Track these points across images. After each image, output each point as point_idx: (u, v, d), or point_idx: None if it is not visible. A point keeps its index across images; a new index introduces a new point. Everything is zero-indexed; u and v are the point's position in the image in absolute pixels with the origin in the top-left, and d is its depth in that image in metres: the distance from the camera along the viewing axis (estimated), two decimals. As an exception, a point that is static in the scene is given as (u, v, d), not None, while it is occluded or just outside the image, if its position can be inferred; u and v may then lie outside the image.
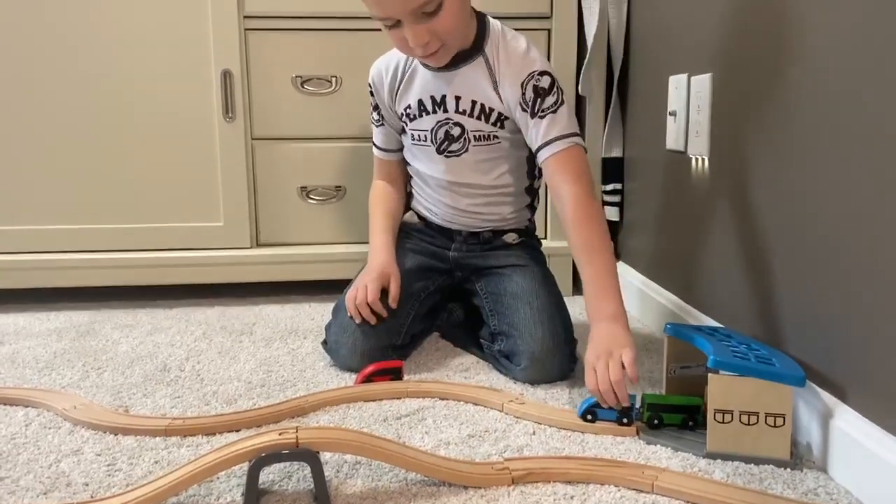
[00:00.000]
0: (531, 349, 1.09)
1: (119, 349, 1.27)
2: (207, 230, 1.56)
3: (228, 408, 1.01)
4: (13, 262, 1.52)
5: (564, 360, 1.11)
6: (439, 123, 1.18)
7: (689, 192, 1.24)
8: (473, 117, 1.15)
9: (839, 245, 0.82)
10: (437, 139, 1.18)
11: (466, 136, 1.17)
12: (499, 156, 1.19)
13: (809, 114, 0.87)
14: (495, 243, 1.25)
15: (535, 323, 1.11)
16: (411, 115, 1.20)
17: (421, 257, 1.26)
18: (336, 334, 1.16)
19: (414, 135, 1.21)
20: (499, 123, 1.16)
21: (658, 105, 1.34)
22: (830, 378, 0.84)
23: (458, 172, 1.20)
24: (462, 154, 1.18)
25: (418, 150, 1.23)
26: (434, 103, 1.17)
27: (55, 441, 0.90)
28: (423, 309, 1.24)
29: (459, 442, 0.89)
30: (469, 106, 1.15)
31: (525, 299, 1.15)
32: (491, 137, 1.17)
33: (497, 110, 1.14)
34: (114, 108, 1.51)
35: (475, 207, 1.23)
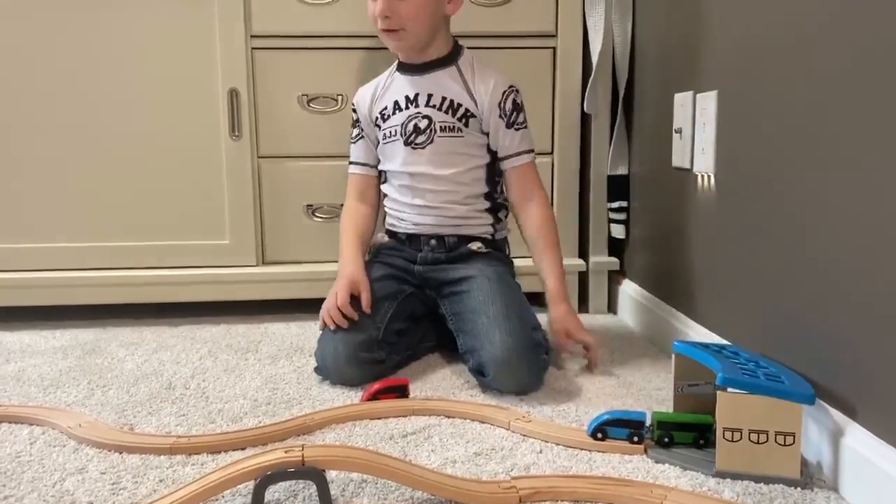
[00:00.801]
0: (493, 355, 1.09)
1: (124, 367, 1.26)
2: (213, 248, 1.57)
3: (234, 426, 1.00)
4: (20, 280, 1.52)
5: (529, 354, 1.11)
6: (409, 118, 1.28)
7: (695, 209, 1.24)
8: (442, 110, 1.27)
9: (847, 262, 0.81)
10: (406, 132, 1.28)
11: (433, 126, 1.27)
12: (460, 152, 1.27)
13: (815, 131, 0.87)
14: (461, 250, 1.28)
15: (492, 329, 1.12)
16: (386, 115, 1.31)
17: (391, 269, 1.30)
18: (319, 348, 1.19)
19: (386, 132, 1.31)
20: (464, 120, 1.26)
21: (663, 122, 1.34)
22: (840, 395, 0.83)
23: (420, 164, 1.28)
24: (427, 146, 1.27)
25: (388, 149, 1.31)
26: (407, 101, 1.29)
27: (60, 459, 0.90)
28: (402, 308, 1.25)
29: (466, 460, 0.88)
30: (439, 101, 1.27)
31: (481, 310, 1.16)
32: (455, 130, 1.27)
33: (465, 107, 1.26)
34: (121, 125, 1.52)
35: (435, 202, 1.28)
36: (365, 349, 1.16)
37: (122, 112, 1.52)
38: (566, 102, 1.58)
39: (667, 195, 1.37)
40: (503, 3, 1.53)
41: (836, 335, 0.84)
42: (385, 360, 1.19)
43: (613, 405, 1.06)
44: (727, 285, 1.13)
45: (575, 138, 1.60)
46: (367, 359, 1.16)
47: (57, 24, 1.49)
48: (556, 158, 1.59)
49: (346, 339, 1.16)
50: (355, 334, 1.17)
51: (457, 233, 1.29)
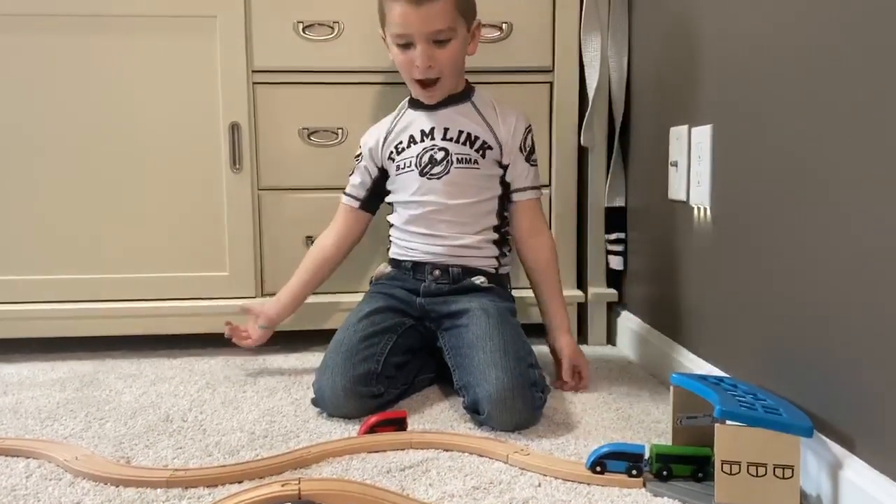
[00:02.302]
0: (488, 393, 1.08)
1: (122, 399, 1.26)
2: (213, 280, 1.57)
3: (231, 458, 1.00)
4: (18, 312, 1.52)
5: (526, 393, 1.09)
6: (425, 150, 1.32)
7: (692, 241, 1.25)
8: (459, 143, 1.31)
9: (845, 293, 0.82)
10: (422, 163, 1.31)
11: (450, 158, 1.30)
12: (475, 185, 1.31)
13: (810, 164, 0.88)
14: (464, 283, 1.29)
15: (488, 366, 1.11)
16: (401, 148, 1.34)
17: (392, 301, 1.31)
18: (317, 378, 1.19)
19: (401, 164, 1.34)
20: (481, 152, 1.31)
21: (659, 155, 1.36)
22: (839, 428, 0.83)
23: (435, 194, 1.31)
24: (443, 177, 1.30)
25: (401, 181, 1.34)
26: (423, 134, 1.33)
27: (55, 493, 0.89)
28: (403, 341, 1.25)
29: (464, 494, 0.88)
30: (456, 134, 1.32)
31: (479, 346, 1.16)
32: (472, 161, 1.31)
33: (482, 139, 1.31)
34: (122, 156, 1.54)
35: (447, 231, 1.31)
36: (363, 383, 1.16)
37: (123, 143, 1.53)
38: (563, 135, 1.60)
39: (663, 227, 1.38)
40: (501, 39, 1.55)
41: (834, 368, 0.84)
42: (383, 393, 1.18)
43: (612, 438, 1.06)
44: (725, 317, 1.13)
45: (572, 171, 1.61)
46: (365, 392, 1.15)
47: (59, 54, 1.50)
48: (553, 190, 1.61)
49: (344, 372, 1.16)
50: (354, 367, 1.16)
51: (462, 263, 1.30)
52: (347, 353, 1.18)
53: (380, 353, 1.20)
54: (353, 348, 1.19)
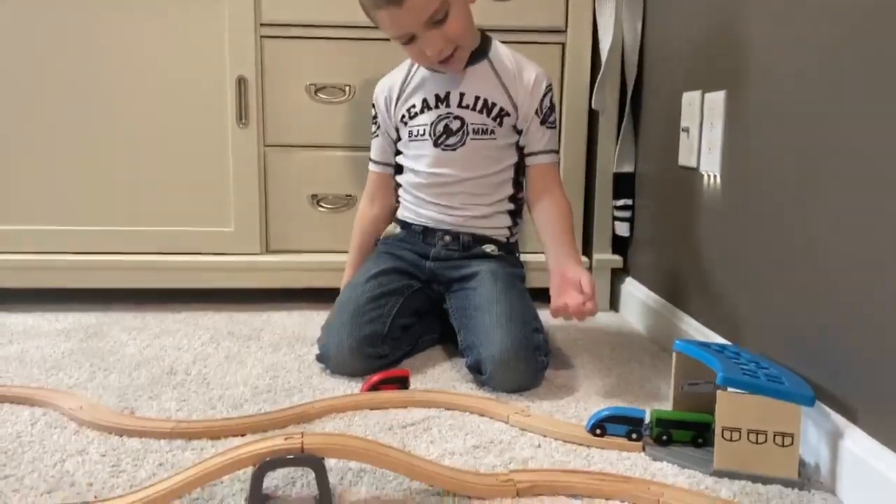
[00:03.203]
0: (491, 354, 1.09)
1: (126, 351, 1.27)
2: (218, 235, 1.57)
3: (234, 412, 1.01)
4: (23, 262, 1.53)
5: (529, 357, 1.10)
6: (440, 118, 1.26)
7: (700, 208, 1.24)
8: (475, 111, 1.25)
9: (852, 265, 0.81)
10: (436, 132, 1.26)
11: (466, 128, 1.25)
12: (491, 154, 1.26)
13: (823, 132, 0.87)
14: (474, 250, 1.28)
15: (493, 328, 1.12)
16: (413, 112, 1.28)
17: (400, 263, 1.29)
18: (324, 337, 1.19)
19: (413, 131, 1.28)
20: (498, 120, 1.25)
21: (671, 121, 1.34)
22: (841, 398, 0.83)
23: (450, 166, 1.26)
24: (458, 148, 1.25)
25: (414, 148, 1.29)
26: (437, 100, 1.26)
27: (60, 441, 0.90)
28: (409, 304, 1.25)
29: (464, 452, 0.89)
30: (472, 100, 1.25)
31: (486, 308, 1.16)
32: (489, 132, 1.25)
33: (500, 106, 1.25)
34: (129, 110, 1.53)
35: (461, 203, 1.27)
36: (369, 344, 1.16)
37: (130, 97, 1.52)
38: (574, 99, 1.58)
39: (672, 194, 1.37)
40: (513, -3, 1.53)
41: (838, 338, 0.84)
42: (388, 354, 1.19)
43: (613, 402, 1.06)
44: (730, 285, 1.13)
45: (582, 135, 1.60)
46: (370, 353, 1.15)
47: (65, 11, 1.49)
48: (562, 154, 1.59)
49: (351, 332, 1.16)
50: (360, 328, 1.16)
51: (474, 231, 1.28)
52: (354, 313, 1.18)
53: (386, 315, 1.20)
54: (360, 309, 1.19)
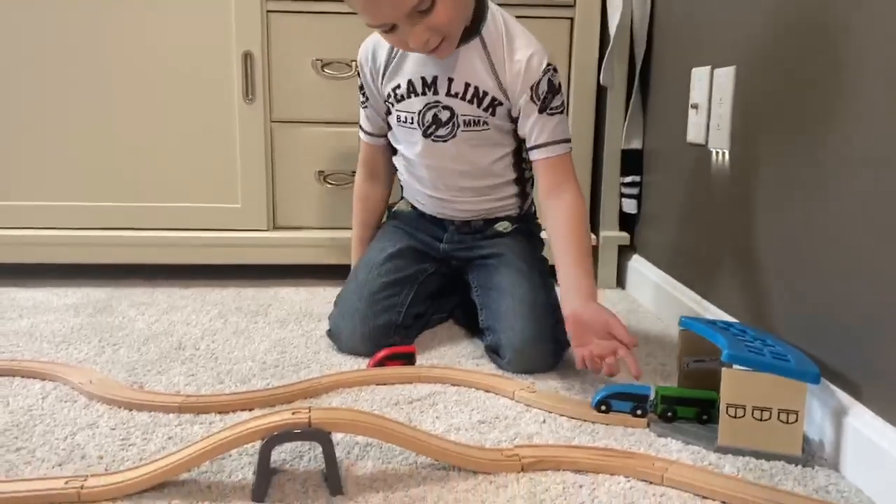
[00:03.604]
0: (512, 342, 1.08)
1: (135, 326, 1.28)
2: (225, 211, 1.57)
3: (242, 387, 1.02)
4: (33, 237, 1.54)
5: (548, 348, 1.09)
6: (428, 106, 1.14)
7: (709, 185, 1.23)
8: (465, 101, 1.12)
9: (859, 242, 0.81)
10: (425, 122, 1.15)
11: (456, 120, 1.13)
12: (485, 144, 1.17)
13: (834, 109, 0.86)
14: (487, 233, 1.24)
15: (516, 315, 1.10)
16: (399, 95, 1.16)
17: (414, 242, 1.26)
18: (336, 320, 1.18)
19: (400, 116, 1.18)
20: (491, 110, 1.13)
21: (680, 97, 1.33)
22: (846, 376, 0.83)
23: (442, 159, 1.18)
24: (449, 140, 1.15)
25: (403, 133, 1.20)
26: (424, 84, 1.13)
27: (71, 414, 0.91)
28: (423, 290, 1.23)
29: (470, 428, 0.89)
30: (462, 88, 1.12)
31: (508, 291, 1.14)
32: (480, 123, 1.14)
33: (491, 95, 1.12)
34: (136, 86, 1.52)
35: (461, 199, 1.22)
36: (383, 333, 1.14)
37: (137, 74, 1.52)
38: (582, 74, 1.57)
39: (680, 171, 1.36)
40: (521, -30, 1.51)
41: (845, 316, 0.84)
42: (399, 343, 1.16)
43: (618, 379, 1.06)
44: (737, 263, 1.12)
45: (590, 111, 1.58)
46: (383, 342, 1.13)
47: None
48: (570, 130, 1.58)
49: (365, 320, 1.14)
50: (375, 317, 1.15)
51: (483, 217, 1.24)
52: (370, 299, 1.16)
53: (401, 305, 1.18)
54: (376, 295, 1.17)
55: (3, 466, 0.78)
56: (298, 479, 0.76)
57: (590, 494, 0.74)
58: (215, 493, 0.73)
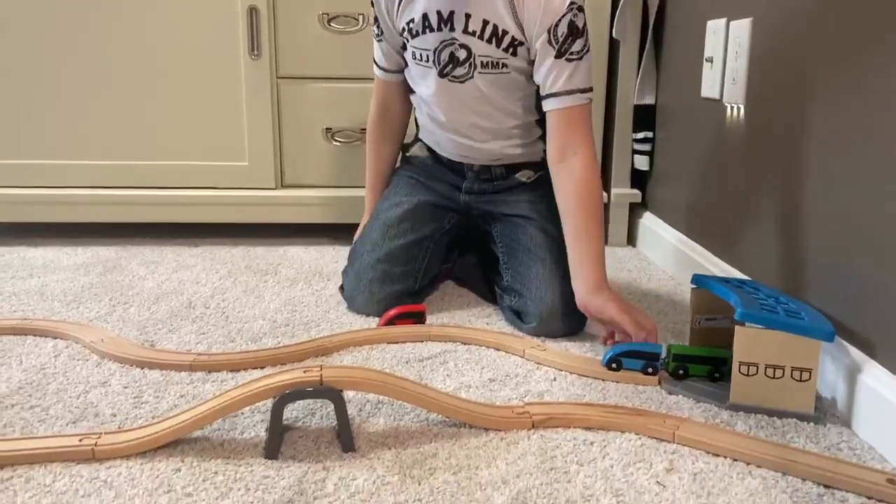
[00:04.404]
0: (540, 311, 1.06)
1: (145, 285, 1.28)
2: (232, 169, 1.56)
3: (253, 345, 1.02)
4: (40, 197, 1.54)
5: (574, 319, 1.07)
6: (444, 43, 1.07)
7: (723, 141, 1.21)
8: (483, 40, 1.06)
9: (874, 199, 0.79)
10: (441, 61, 1.09)
11: (473, 61, 1.07)
12: (505, 87, 1.10)
13: (852, 63, 0.84)
14: (509, 182, 1.19)
15: (546, 284, 1.07)
16: (414, 30, 1.09)
17: (432, 194, 1.22)
18: (352, 284, 1.16)
19: (415, 53, 1.12)
20: (511, 50, 1.06)
21: (694, 50, 1.30)
22: (860, 334, 0.82)
23: (460, 101, 1.12)
24: (466, 81, 1.09)
25: (419, 71, 1.14)
26: (440, 20, 1.06)
27: (83, 372, 0.92)
28: (438, 250, 1.21)
29: (480, 385, 0.89)
30: (480, 26, 1.05)
31: (537, 255, 1.11)
32: (500, 66, 1.07)
33: (511, 34, 1.04)
34: (140, 44, 1.50)
35: (481, 141, 1.16)
36: (398, 300, 1.13)
37: (142, 30, 1.49)
38: (594, 27, 1.50)
39: (694, 126, 1.34)
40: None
41: (860, 273, 0.83)
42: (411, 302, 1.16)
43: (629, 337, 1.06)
44: (751, 220, 1.11)
45: (602, 65, 1.55)
46: (396, 305, 1.11)
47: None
48: (581, 86, 1.55)
49: (382, 286, 1.13)
50: (392, 283, 1.14)
51: (504, 162, 1.18)
52: (386, 263, 1.14)
53: (417, 270, 1.17)
54: (392, 258, 1.15)
55: (18, 424, 0.79)
56: (311, 436, 0.77)
57: (600, 451, 0.74)
58: (228, 450, 0.74)
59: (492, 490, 0.67)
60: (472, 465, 0.71)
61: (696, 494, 0.67)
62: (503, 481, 0.69)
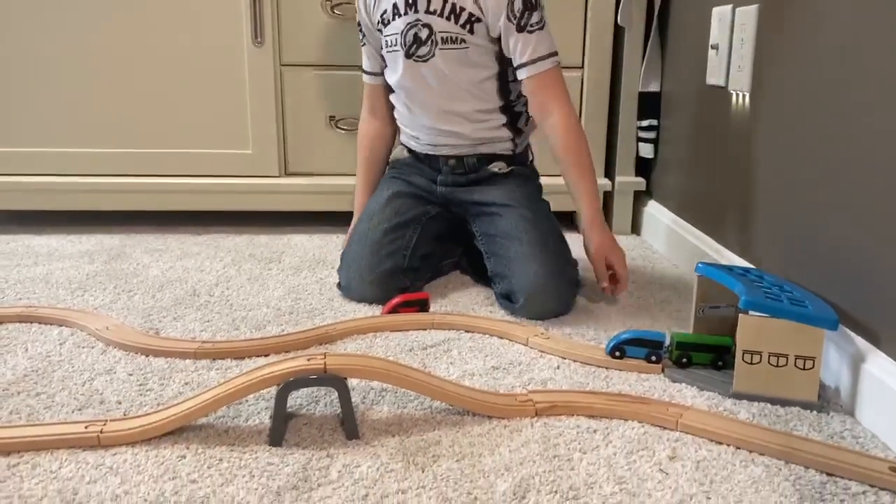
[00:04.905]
0: (524, 286, 1.08)
1: (149, 273, 1.28)
2: (236, 157, 1.56)
3: (257, 333, 1.02)
4: (46, 184, 1.54)
5: (562, 289, 1.10)
6: (409, 25, 1.17)
7: (728, 129, 1.20)
8: (443, 17, 1.15)
9: (879, 189, 0.79)
10: (407, 42, 1.17)
11: (434, 37, 1.15)
12: (465, 65, 1.17)
13: (858, 51, 0.83)
14: (482, 173, 1.23)
15: (527, 258, 1.10)
16: (386, 19, 1.20)
17: (412, 188, 1.27)
18: (344, 273, 1.19)
19: (388, 41, 1.21)
20: (468, 27, 1.14)
21: (700, 38, 1.29)
22: (864, 322, 0.82)
23: (424, 82, 1.19)
24: (429, 59, 1.17)
25: (391, 59, 1.22)
26: (406, 4, 1.16)
27: (89, 360, 0.92)
28: (427, 232, 1.23)
29: (484, 373, 0.90)
30: (440, 5, 1.14)
31: (515, 236, 1.14)
32: (458, 41, 1.15)
33: (468, 11, 1.14)
34: (144, 32, 1.50)
35: (445, 123, 1.21)
36: (390, 277, 1.15)
37: (146, 18, 1.49)
38: (599, 14, 1.52)
39: (699, 114, 1.33)
40: None
41: (864, 262, 0.82)
42: (409, 286, 1.17)
43: (633, 325, 1.06)
44: (756, 208, 1.11)
45: (607, 52, 1.55)
46: (392, 287, 1.14)
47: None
48: (586, 73, 1.55)
49: (371, 268, 1.15)
50: (381, 263, 1.15)
51: (476, 152, 1.23)
52: (373, 246, 1.17)
53: (405, 248, 1.19)
54: (379, 242, 1.18)
55: (25, 411, 0.79)
56: (315, 423, 0.77)
57: (604, 439, 0.75)
58: (233, 437, 0.74)
59: (495, 477, 0.68)
60: (475, 453, 0.72)
61: (698, 482, 0.68)
62: (506, 469, 0.69)
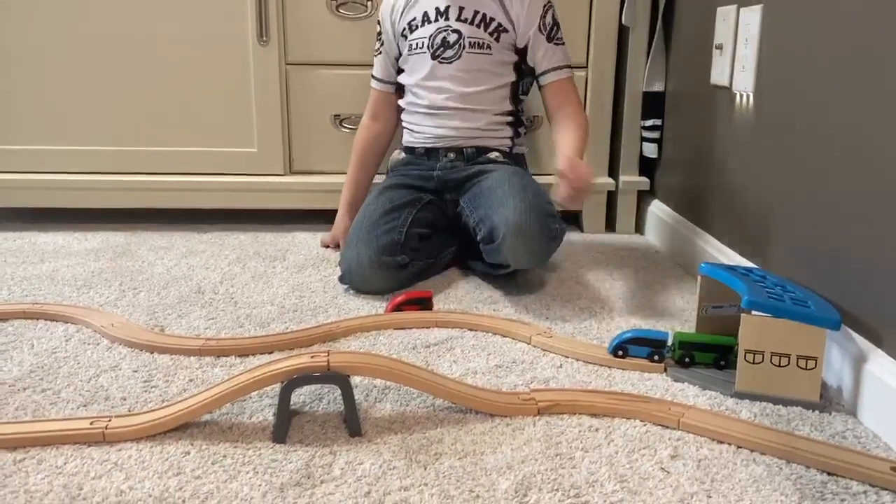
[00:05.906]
0: (505, 217, 1.11)
1: (154, 270, 1.29)
2: (241, 156, 1.57)
3: (261, 330, 1.03)
4: (52, 182, 1.54)
5: (543, 222, 1.12)
6: (438, 30, 1.29)
7: (732, 129, 1.20)
8: (473, 24, 1.28)
9: (882, 189, 0.79)
10: (434, 45, 1.29)
11: (462, 41, 1.28)
12: (487, 70, 1.29)
13: (862, 52, 0.83)
14: (479, 160, 1.31)
15: (507, 196, 1.15)
16: (414, 26, 1.31)
17: (408, 179, 1.33)
18: (343, 257, 1.21)
19: (413, 44, 1.32)
20: (495, 35, 1.28)
21: (704, 38, 1.29)
22: (866, 323, 0.82)
23: (446, 79, 1.29)
24: (454, 61, 1.29)
25: (414, 61, 1.33)
26: (437, 13, 1.30)
27: (94, 357, 0.93)
28: (423, 215, 1.27)
29: (487, 372, 0.90)
30: (471, 15, 1.28)
31: (497, 187, 1.19)
32: (484, 46, 1.28)
33: (497, 21, 1.28)
34: (150, 30, 1.50)
35: (457, 118, 1.30)
36: (387, 252, 1.17)
37: (151, 16, 1.49)
38: (603, 14, 1.52)
39: (703, 114, 1.33)
40: None
41: (867, 262, 0.82)
42: (408, 264, 1.20)
43: (636, 324, 1.06)
44: (759, 209, 1.11)
45: (611, 52, 1.55)
46: (389, 262, 1.17)
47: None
48: (590, 72, 1.55)
49: (368, 243, 1.18)
50: (378, 239, 1.18)
51: (476, 144, 1.31)
52: (370, 227, 1.21)
53: (402, 225, 1.22)
54: (375, 223, 1.21)
55: (30, 407, 0.80)
56: (318, 420, 0.77)
57: (606, 438, 0.75)
58: (236, 434, 0.74)
59: (497, 475, 0.68)
60: (477, 451, 0.72)
61: (700, 481, 0.68)
62: (508, 467, 0.69)
